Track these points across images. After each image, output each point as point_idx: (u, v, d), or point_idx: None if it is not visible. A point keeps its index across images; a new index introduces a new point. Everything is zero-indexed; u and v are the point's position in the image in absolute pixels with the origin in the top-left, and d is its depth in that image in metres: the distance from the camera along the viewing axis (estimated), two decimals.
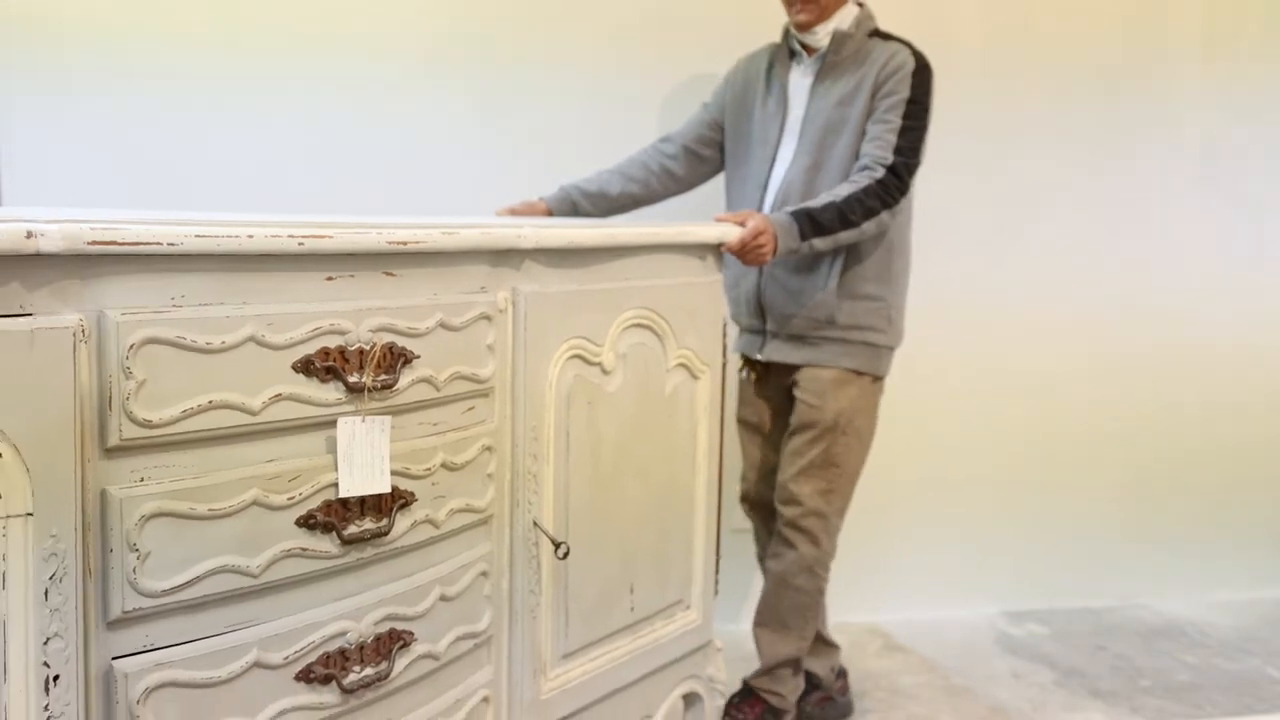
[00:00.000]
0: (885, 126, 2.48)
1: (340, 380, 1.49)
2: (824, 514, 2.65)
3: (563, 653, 1.98)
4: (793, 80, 2.62)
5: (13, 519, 1.18)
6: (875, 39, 2.57)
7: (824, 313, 2.57)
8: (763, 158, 2.63)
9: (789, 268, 2.58)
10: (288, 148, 2.81)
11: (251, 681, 1.43)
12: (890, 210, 2.46)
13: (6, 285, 1.19)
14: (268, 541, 1.43)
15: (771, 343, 2.65)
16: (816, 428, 2.60)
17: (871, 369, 2.63)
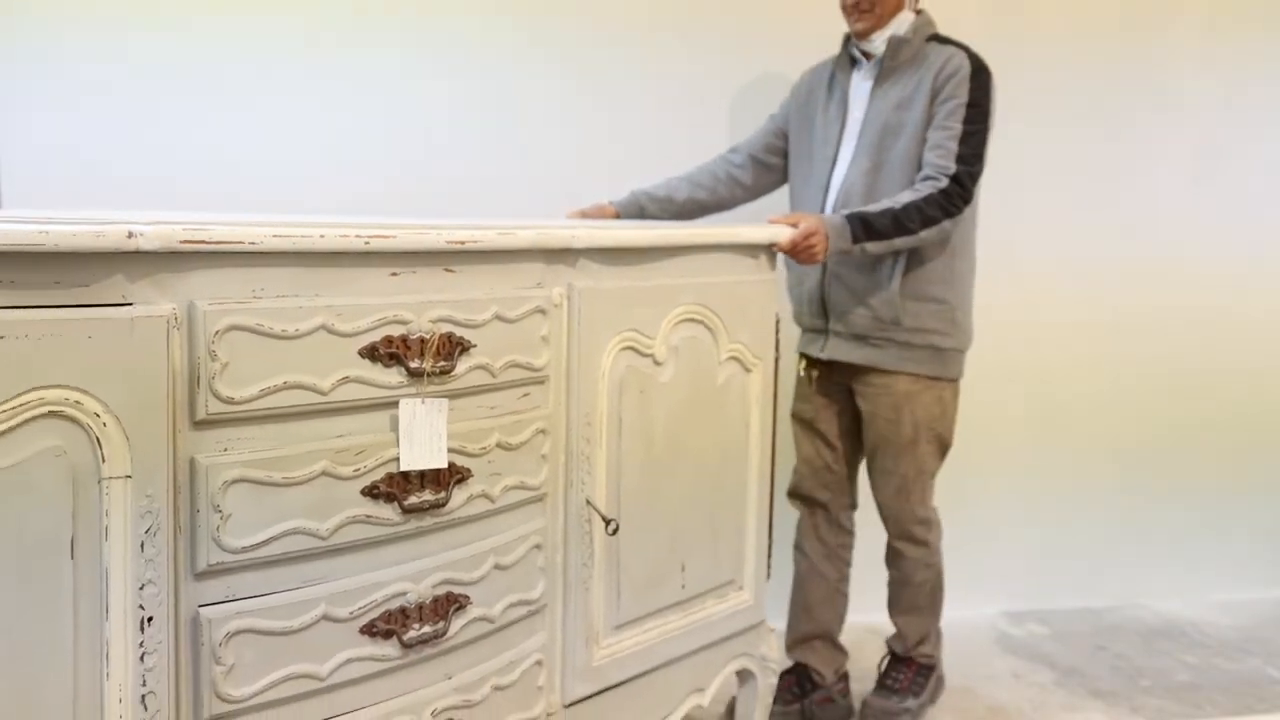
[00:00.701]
0: (946, 134, 2.55)
1: (402, 365, 1.66)
2: (927, 519, 2.81)
3: (615, 624, 2.13)
4: (853, 86, 2.73)
5: (115, 480, 1.37)
6: (933, 43, 2.66)
7: (888, 313, 2.65)
8: (824, 161, 2.73)
9: (852, 267, 2.67)
10: (372, 148, 2.95)
11: (320, 632, 1.60)
12: (953, 219, 2.54)
13: (111, 278, 1.38)
14: (335, 508, 1.60)
15: (833, 341, 2.75)
16: (897, 443, 2.71)
17: (939, 373, 2.71)
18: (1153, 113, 3.56)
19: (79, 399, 1.33)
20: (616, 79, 3.13)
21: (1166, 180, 3.61)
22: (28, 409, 1.30)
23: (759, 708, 2.53)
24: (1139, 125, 3.56)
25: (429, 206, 2.78)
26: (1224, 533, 3.79)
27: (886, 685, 2.87)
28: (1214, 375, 3.72)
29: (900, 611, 2.90)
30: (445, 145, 2.97)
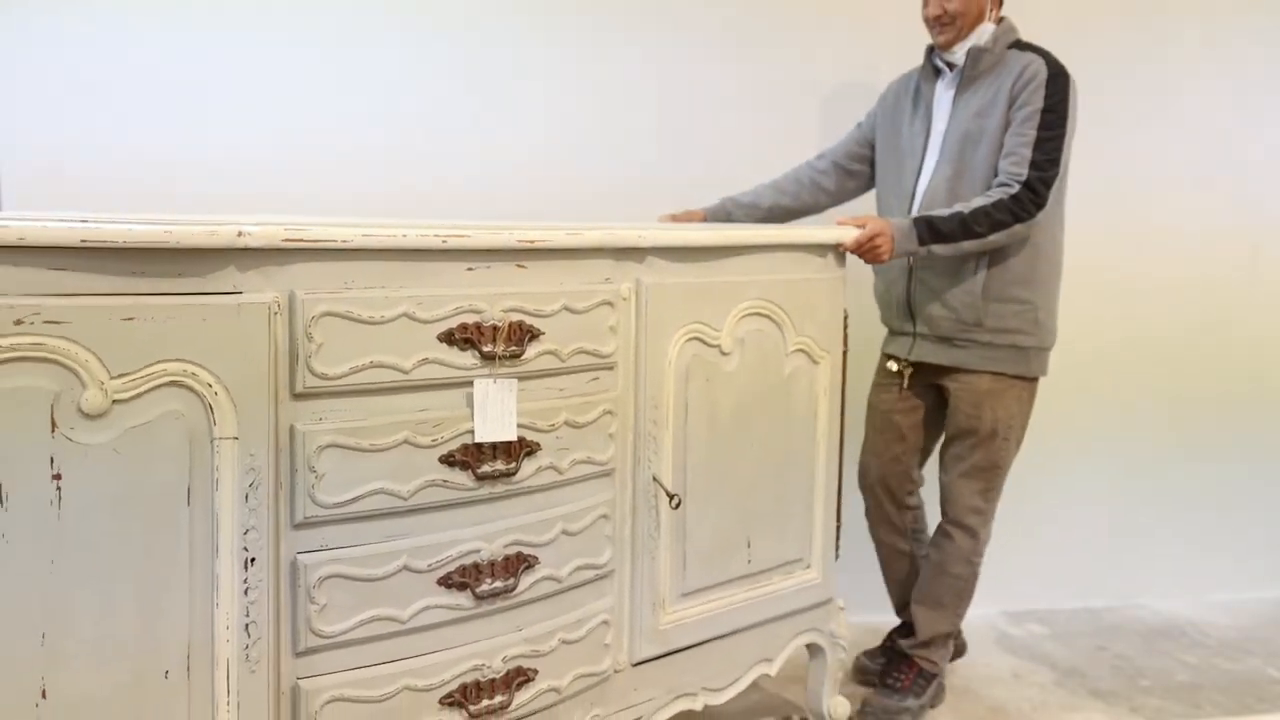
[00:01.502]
0: (1020, 140, 2.65)
1: (476, 349, 1.89)
2: (982, 511, 2.91)
3: (681, 592, 2.31)
4: (936, 95, 2.85)
5: (224, 440, 1.63)
6: (1013, 50, 2.75)
7: (971, 315, 2.77)
8: (909, 169, 2.86)
9: (936, 272, 2.79)
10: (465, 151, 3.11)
11: (401, 581, 1.84)
12: (1024, 223, 2.64)
13: (224, 270, 1.64)
14: (415, 473, 1.84)
15: (920, 344, 2.88)
16: (976, 435, 2.83)
17: (1022, 371, 2.82)
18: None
19: (195, 371, 1.59)
20: (707, 86, 3.28)
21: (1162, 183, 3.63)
22: (154, 378, 1.56)
23: (828, 680, 2.68)
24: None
25: (542, 208, 2.93)
26: (1224, 533, 3.79)
27: (888, 684, 2.92)
28: (1214, 376, 3.73)
29: (923, 601, 2.95)
30: (552, 149, 3.14)
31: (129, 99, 2.79)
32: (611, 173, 3.18)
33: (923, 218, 2.63)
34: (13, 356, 1.46)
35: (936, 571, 2.94)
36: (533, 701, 2.03)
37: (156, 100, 2.81)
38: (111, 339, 1.52)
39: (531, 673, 2.02)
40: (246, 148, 2.87)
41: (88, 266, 1.51)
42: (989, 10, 2.78)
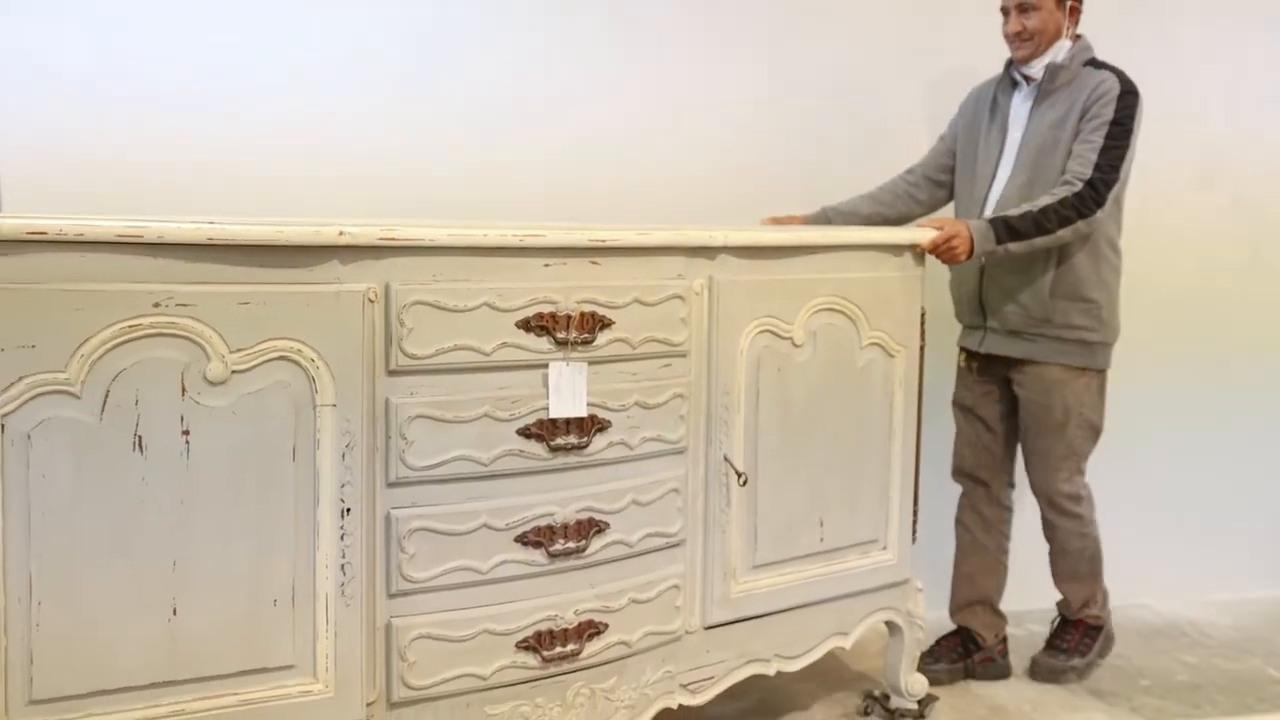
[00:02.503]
0: (1088, 146, 2.82)
1: (551, 336, 2.14)
2: (1074, 494, 3.06)
3: (752, 564, 2.51)
4: (1014, 107, 3.00)
5: (324, 407, 1.93)
6: (1089, 68, 2.91)
7: (1039, 311, 2.93)
8: (984, 176, 3.02)
9: (1006, 270, 2.95)
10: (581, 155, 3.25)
11: (481, 537, 2.11)
12: (1086, 220, 2.79)
13: (328, 263, 1.93)
14: (495, 443, 2.10)
15: (991, 337, 3.04)
16: (1048, 425, 2.99)
17: (1087, 363, 2.97)
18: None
19: (299, 348, 1.89)
20: (811, 94, 3.44)
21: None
22: (265, 353, 1.87)
23: (905, 658, 2.83)
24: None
25: (653, 209, 3.16)
26: (1224, 533, 3.74)
27: (1055, 645, 3.14)
28: (1215, 377, 3.69)
29: (1062, 579, 3.14)
30: (644, 150, 3.30)
31: (133, 97, 2.80)
32: (697, 171, 3.31)
33: (999, 218, 2.78)
34: (151, 333, 1.78)
35: (1059, 553, 3.13)
36: (603, 652, 2.27)
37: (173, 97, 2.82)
38: (231, 319, 1.84)
39: (602, 626, 2.26)
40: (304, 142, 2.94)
41: (213, 259, 1.83)
42: (1065, 28, 2.93)
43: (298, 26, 2.92)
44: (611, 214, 3.03)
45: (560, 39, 3.17)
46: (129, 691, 1.82)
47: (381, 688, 2.06)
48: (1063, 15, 2.91)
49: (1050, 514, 3.07)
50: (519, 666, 2.17)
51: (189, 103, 2.82)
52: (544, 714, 2.23)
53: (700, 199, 3.22)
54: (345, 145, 2.93)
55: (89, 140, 2.74)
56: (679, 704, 2.46)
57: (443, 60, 3.05)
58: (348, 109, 2.96)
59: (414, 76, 3.03)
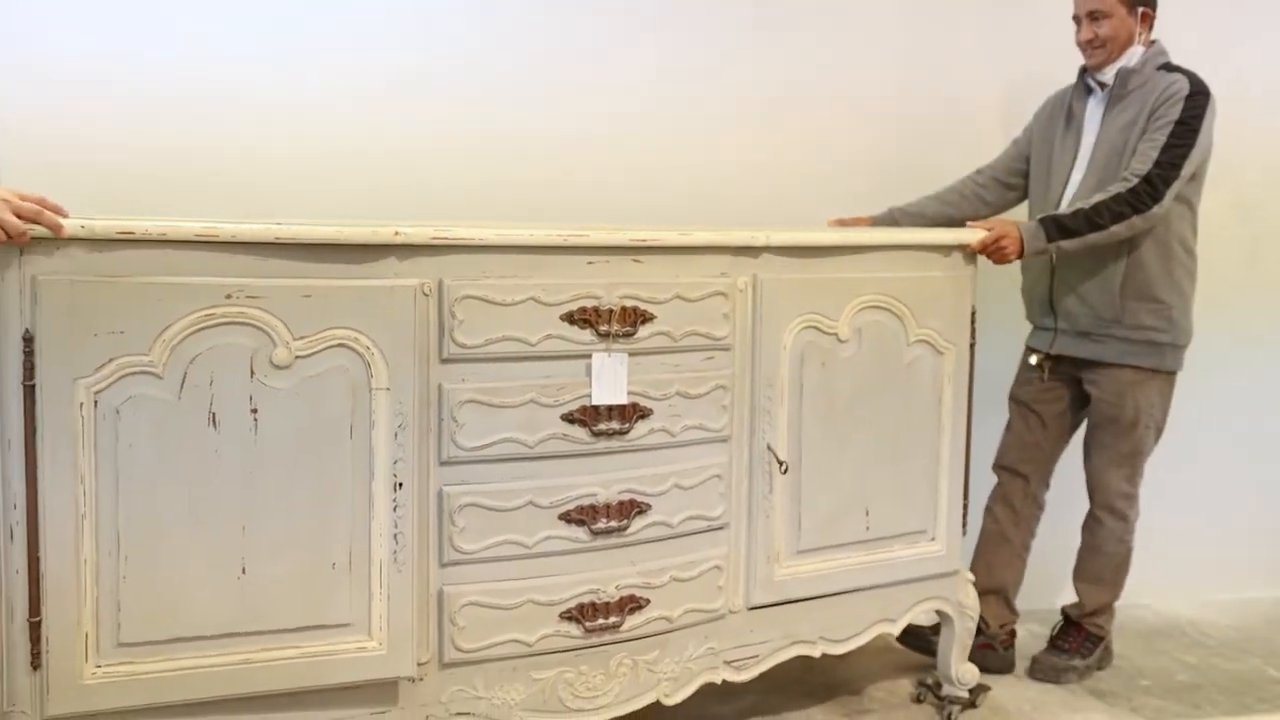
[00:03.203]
0: (1150, 144, 2.87)
1: (594, 328, 2.30)
2: (1130, 495, 3.12)
3: (796, 549, 2.63)
4: (1088, 112, 3.08)
5: (379, 390, 2.12)
6: (1162, 71, 2.97)
7: (1109, 312, 2.99)
8: (1058, 180, 3.09)
9: (1077, 272, 3.03)
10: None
11: (526, 514, 2.28)
12: (1142, 215, 2.84)
13: (385, 260, 2.13)
14: (540, 427, 2.27)
15: (1061, 338, 3.10)
16: (1119, 424, 3.05)
17: (1157, 365, 3.02)
18: None
19: (356, 336, 2.09)
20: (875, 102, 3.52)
21: None
22: (325, 340, 2.07)
23: (956, 647, 2.91)
24: None
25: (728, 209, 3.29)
26: (1224, 533, 3.70)
27: (1057, 645, 3.18)
28: (1214, 377, 3.62)
29: (1084, 579, 3.18)
30: (732, 156, 3.42)
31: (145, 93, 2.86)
32: (766, 173, 3.41)
33: (1049, 217, 2.85)
34: (224, 321, 2.00)
35: (1091, 552, 3.16)
36: (644, 626, 2.42)
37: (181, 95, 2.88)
38: (295, 310, 2.05)
39: (643, 601, 2.41)
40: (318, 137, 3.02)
41: (280, 256, 2.04)
42: (1138, 34, 2.99)
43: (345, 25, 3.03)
44: (687, 213, 3.16)
45: (613, 38, 3.25)
46: (202, 640, 2.05)
47: (435, 649, 2.25)
48: (1134, 22, 2.97)
49: (1100, 511, 3.11)
50: (562, 635, 2.33)
51: (226, 99, 2.91)
52: (587, 681, 2.39)
53: (768, 199, 3.33)
54: (395, 143, 3.03)
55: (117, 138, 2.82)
56: (723, 680, 2.60)
57: (487, 60, 3.13)
58: (390, 106, 3.05)
59: (455, 77, 3.10)
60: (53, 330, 1.90)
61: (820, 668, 3.06)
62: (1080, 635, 3.19)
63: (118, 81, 2.82)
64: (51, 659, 1.96)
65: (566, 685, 2.38)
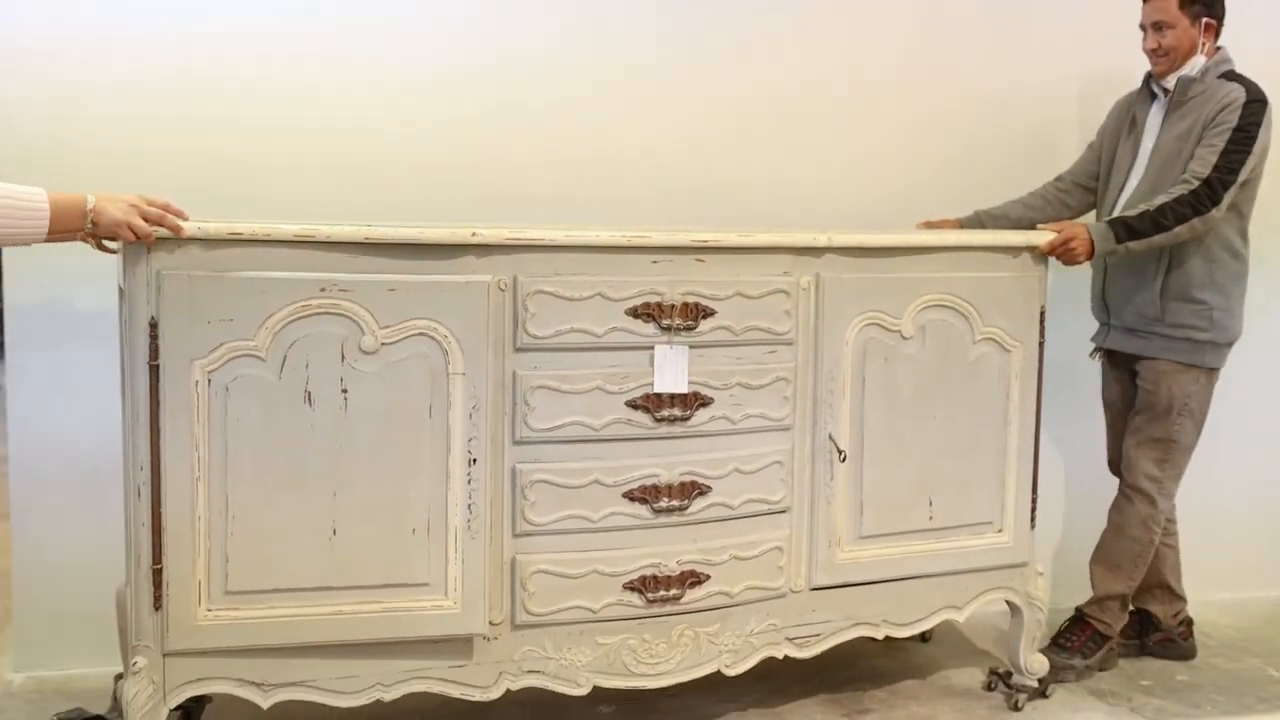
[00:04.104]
0: (1209, 149, 2.94)
1: (656, 322, 2.49)
2: (1158, 480, 3.15)
3: (858, 535, 2.77)
4: (1150, 117, 3.15)
5: (455, 375, 2.37)
6: (1222, 80, 3.02)
7: (1151, 311, 3.07)
8: (1116, 183, 3.18)
9: (1123, 272, 3.12)
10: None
11: (592, 491, 2.49)
12: (1202, 218, 2.90)
13: (464, 258, 2.37)
14: (605, 412, 2.48)
15: (1112, 334, 3.21)
16: (1153, 410, 3.12)
17: (1196, 361, 3.09)
18: None
19: (435, 326, 2.34)
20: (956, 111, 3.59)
21: None
22: (408, 330, 2.33)
23: (1024, 638, 2.99)
24: None
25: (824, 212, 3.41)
26: (1224, 533, 3.61)
27: (1058, 643, 3.20)
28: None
29: (1100, 561, 3.21)
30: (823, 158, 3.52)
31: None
32: (858, 175, 3.51)
33: (1117, 219, 2.93)
34: (319, 311, 2.27)
35: (1115, 533, 3.21)
36: (704, 600, 2.60)
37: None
38: (381, 302, 2.30)
39: (703, 576, 2.59)
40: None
41: (368, 254, 2.30)
42: (1201, 44, 3.04)
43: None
44: (782, 214, 3.30)
45: (678, 47, 3.35)
46: (298, 592, 2.33)
47: (507, 612, 2.48)
48: (1197, 32, 3.03)
49: (1128, 490, 3.16)
50: (625, 604, 2.54)
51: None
52: (650, 649, 2.59)
53: (858, 201, 3.44)
54: (475, 142, 3.18)
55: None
56: (784, 655, 2.75)
57: (561, 60, 3.26)
58: (468, 107, 3.19)
59: (531, 78, 3.23)
60: (173, 317, 2.21)
61: (889, 651, 3.18)
62: (1085, 633, 3.20)
63: (197, 76, 3.00)
64: (170, 602, 2.26)
65: (630, 651, 2.58)
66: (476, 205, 3.00)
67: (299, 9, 3.05)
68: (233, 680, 2.33)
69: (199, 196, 2.44)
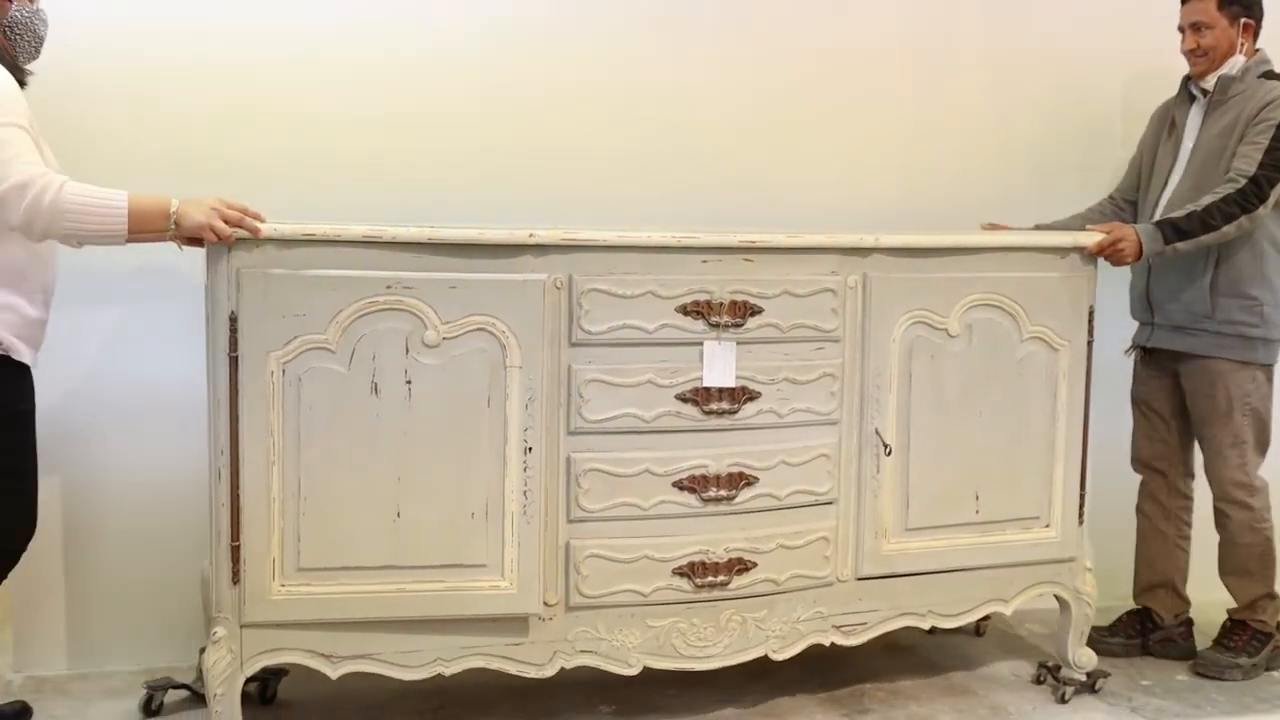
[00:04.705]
0: (1253, 146, 2.97)
1: (705, 319, 2.60)
2: (1245, 483, 3.17)
3: (904, 527, 2.85)
4: (1189, 118, 3.19)
5: (512, 368, 2.50)
6: (1263, 79, 3.05)
7: (1201, 308, 3.09)
8: (1157, 185, 3.22)
9: (1169, 270, 3.14)
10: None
11: (643, 480, 2.61)
12: (1249, 215, 2.94)
13: (522, 257, 2.50)
14: (656, 404, 2.60)
15: (1158, 333, 3.22)
16: (1216, 415, 3.13)
17: (1249, 358, 3.11)
18: None
19: (494, 322, 2.48)
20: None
21: None
22: (468, 325, 2.47)
23: (1073, 632, 3.04)
24: None
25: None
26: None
27: (1223, 643, 3.22)
28: None
29: (1228, 573, 3.22)
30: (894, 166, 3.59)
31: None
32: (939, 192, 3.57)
33: (1165, 220, 2.97)
34: (385, 307, 2.43)
35: (1229, 546, 3.22)
36: (751, 586, 2.71)
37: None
38: (443, 299, 2.45)
39: (750, 564, 2.70)
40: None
41: (432, 254, 2.45)
42: (1239, 45, 3.07)
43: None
44: (834, 214, 3.35)
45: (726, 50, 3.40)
46: (364, 570, 2.48)
47: (562, 594, 2.61)
48: (1236, 32, 3.06)
49: (1221, 503, 3.17)
50: (674, 589, 2.65)
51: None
52: (699, 632, 2.70)
53: (927, 201, 3.49)
54: (527, 144, 3.24)
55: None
56: (831, 643, 2.84)
57: (624, 59, 3.31)
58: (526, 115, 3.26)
59: (592, 80, 3.30)
60: (251, 312, 2.37)
61: (937, 642, 3.25)
62: (1246, 633, 3.23)
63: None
64: (247, 577, 2.43)
65: (679, 634, 2.69)
66: (534, 206, 3.08)
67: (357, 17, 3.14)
68: (304, 651, 2.50)
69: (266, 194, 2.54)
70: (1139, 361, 3.33)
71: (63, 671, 3.02)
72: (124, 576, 3.04)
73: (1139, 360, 3.33)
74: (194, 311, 2.63)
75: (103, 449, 3.00)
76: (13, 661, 3.02)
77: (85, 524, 3.01)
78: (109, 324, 3.01)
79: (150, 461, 3.02)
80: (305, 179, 3.00)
